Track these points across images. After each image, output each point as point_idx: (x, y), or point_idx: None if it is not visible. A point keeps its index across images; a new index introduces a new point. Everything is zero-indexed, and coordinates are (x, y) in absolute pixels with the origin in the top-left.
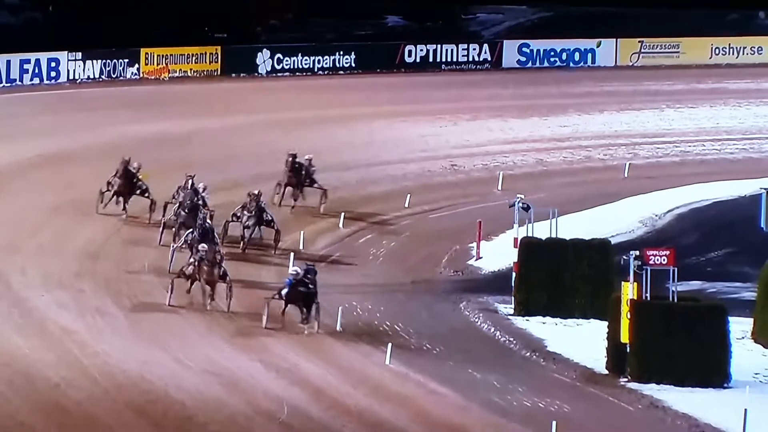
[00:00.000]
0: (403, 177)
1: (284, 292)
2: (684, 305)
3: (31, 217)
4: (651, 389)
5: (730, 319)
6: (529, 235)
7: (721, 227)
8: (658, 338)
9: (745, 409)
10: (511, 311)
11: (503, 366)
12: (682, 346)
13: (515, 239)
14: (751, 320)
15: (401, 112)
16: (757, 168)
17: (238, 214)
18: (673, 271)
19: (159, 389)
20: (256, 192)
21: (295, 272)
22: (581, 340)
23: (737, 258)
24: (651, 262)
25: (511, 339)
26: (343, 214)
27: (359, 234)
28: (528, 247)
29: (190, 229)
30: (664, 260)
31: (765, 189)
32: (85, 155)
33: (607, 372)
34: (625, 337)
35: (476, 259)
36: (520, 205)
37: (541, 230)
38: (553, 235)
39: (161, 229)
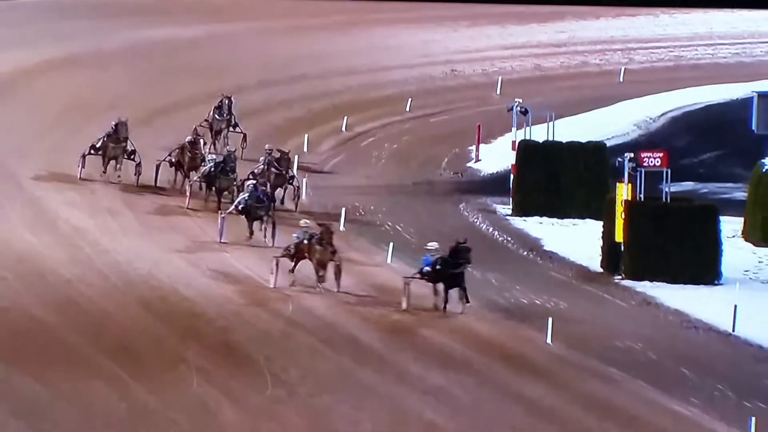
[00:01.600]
0: (405, 82)
1: (426, 270)
2: (677, 205)
3: (41, 120)
4: (644, 286)
5: (722, 218)
6: (527, 138)
7: (713, 130)
8: (652, 237)
9: (735, 305)
10: (509, 212)
11: (501, 264)
12: (674, 245)
13: (513, 142)
14: (741, 220)
15: (402, 19)
16: (749, 72)
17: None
18: (667, 172)
19: (168, 286)
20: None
21: (434, 248)
22: (577, 240)
23: (729, 159)
24: (645, 163)
25: (509, 239)
26: (345, 117)
27: (362, 137)
28: (526, 150)
29: (243, 195)
30: (657, 162)
31: (756, 92)
32: (95, 61)
33: (601, 270)
34: (619, 236)
35: (475, 162)
36: (518, 109)
37: (539, 133)
38: (550, 138)
39: (189, 192)
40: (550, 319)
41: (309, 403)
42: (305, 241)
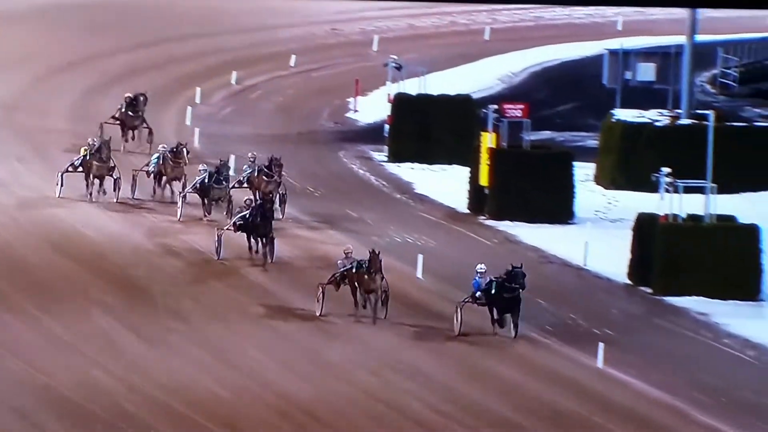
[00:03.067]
0: (290, 40)
1: (479, 295)
2: (536, 152)
3: None
4: (506, 226)
5: (576, 164)
6: (401, 91)
7: (569, 84)
8: (513, 181)
9: (586, 242)
10: (385, 158)
11: (377, 206)
12: (533, 188)
13: (389, 95)
14: (593, 165)
15: None
16: (601, 31)
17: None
18: (527, 122)
19: (69, 227)
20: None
21: (483, 270)
22: (445, 184)
23: (582, 111)
24: (507, 114)
25: (384, 183)
26: (234, 72)
27: (250, 90)
28: (400, 102)
29: (244, 210)
30: (519, 113)
31: (607, 49)
32: None
33: (468, 211)
34: (484, 180)
35: (354, 113)
36: (393, 64)
37: (412, 87)
38: (422, 92)
39: (181, 202)
40: (420, 256)
41: (201, 331)
42: (353, 270)
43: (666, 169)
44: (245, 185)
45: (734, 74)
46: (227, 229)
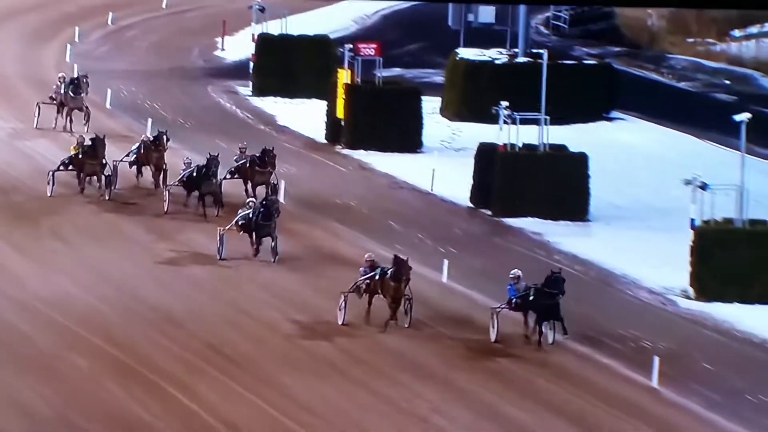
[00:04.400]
0: None
1: (516, 301)
2: (388, 88)
3: None
4: (360, 155)
5: (423, 98)
6: (265, 32)
7: (417, 26)
8: (367, 114)
9: (433, 169)
10: (249, 93)
11: (242, 137)
12: (385, 120)
13: (253, 35)
14: (439, 99)
15: None
16: None
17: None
18: (379, 60)
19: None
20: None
21: (516, 276)
22: (305, 116)
23: (429, 50)
24: (362, 53)
25: (249, 115)
26: (111, 13)
27: (125, 29)
28: (264, 42)
29: (247, 211)
30: (372, 52)
31: None
32: None
33: (325, 141)
34: (340, 113)
35: (221, 51)
36: (257, 7)
37: (274, 28)
38: (284, 32)
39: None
40: (282, 182)
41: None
42: (377, 278)
43: (504, 103)
44: (236, 176)
45: (565, 17)
46: (229, 228)
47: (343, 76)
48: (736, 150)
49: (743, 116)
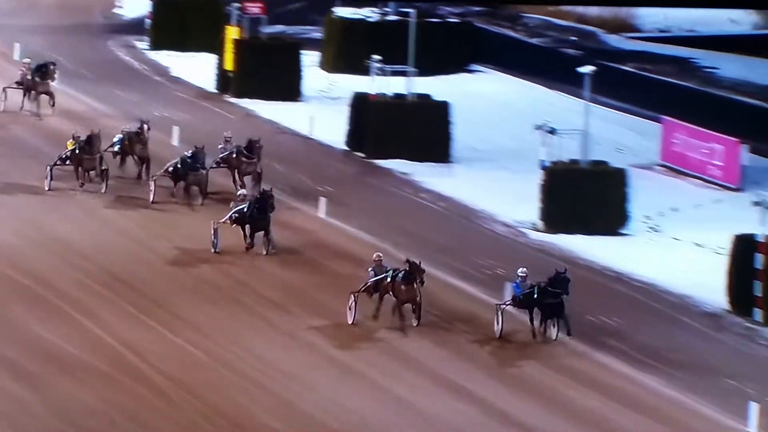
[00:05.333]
0: None
1: (520, 298)
2: (271, 43)
3: None
4: (246, 103)
5: (304, 52)
6: None
7: None
8: (253, 67)
9: (312, 116)
10: (146, 47)
11: (140, 87)
12: (269, 72)
13: None
14: (318, 53)
15: None
16: None
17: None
18: (264, 18)
19: None
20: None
21: (524, 274)
22: (197, 69)
23: (310, 9)
24: (248, 11)
25: (146, 67)
26: None
27: None
28: (160, 1)
29: (241, 204)
30: (257, 10)
31: None
32: None
33: (215, 91)
34: (229, 66)
35: (120, 8)
36: None
37: None
38: None
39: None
40: (176, 128)
41: None
42: (388, 279)
43: (376, 57)
44: (223, 165)
45: None
46: (223, 222)
47: (232, 33)
48: (581, 99)
49: (587, 69)
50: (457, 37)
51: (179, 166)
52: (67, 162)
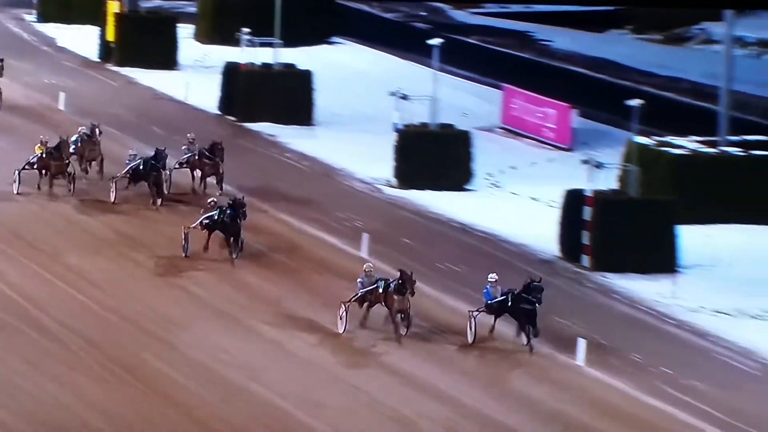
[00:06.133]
0: None
1: (492, 304)
2: (150, 16)
3: None
4: (126, 71)
5: (180, 25)
6: None
7: None
8: (133, 38)
9: (187, 83)
10: (34, 19)
11: (30, 57)
12: (148, 43)
13: None
14: (193, 26)
15: None
16: None
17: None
18: None
19: None
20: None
21: (494, 279)
22: (81, 39)
23: None
24: None
25: (35, 38)
26: None
27: None
28: None
29: (212, 210)
30: None
31: None
32: None
33: (98, 60)
34: (110, 37)
35: None
36: None
37: None
38: None
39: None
40: (62, 93)
41: None
42: (380, 290)
43: (246, 29)
44: (185, 167)
45: None
46: (194, 227)
47: (113, 6)
48: (430, 68)
49: (435, 41)
50: (319, 12)
51: (141, 167)
52: (35, 167)
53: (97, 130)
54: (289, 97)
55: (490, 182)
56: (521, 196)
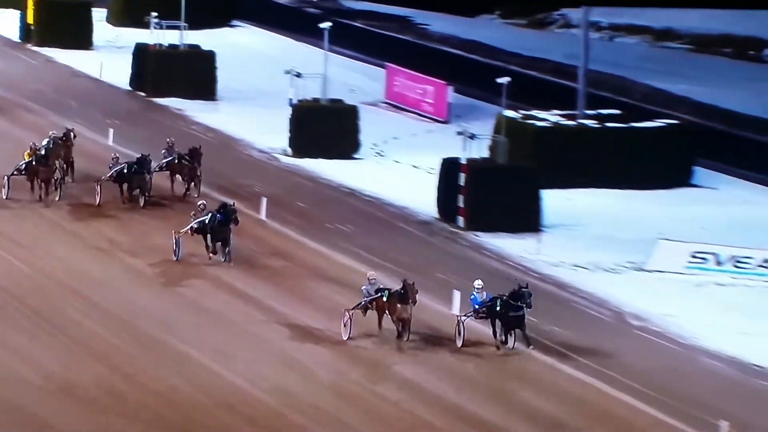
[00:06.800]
0: None
1: (481, 309)
2: (65, 1)
3: None
4: (45, 51)
5: (94, 9)
6: None
7: None
8: (51, 21)
9: (101, 62)
10: None
11: None
12: (63, 25)
13: None
14: (106, 10)
15: None
16: None
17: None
18: None
19: None
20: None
21: (480, 286)
22: (3, 22)
23: None
24: None
25: None
26: None
27: None
28: None
29: (201, 215)
30: None
31: None
32: None
33: (20, 41)
34: (30, 20)
35: None
36: None
37: None
38: None
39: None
40: None
41: None
42: (383, 299)
43: (154, 13)
44: (165, 170)
45: None
46: (184, 232)
47: None
48: (321, 49)
49: (326, 24)
50: None
51: (125, 171)
52: (24, 172)
53: (71, 134)
54: (194, 74)
55: (375, 151)
56: (403, 164)
